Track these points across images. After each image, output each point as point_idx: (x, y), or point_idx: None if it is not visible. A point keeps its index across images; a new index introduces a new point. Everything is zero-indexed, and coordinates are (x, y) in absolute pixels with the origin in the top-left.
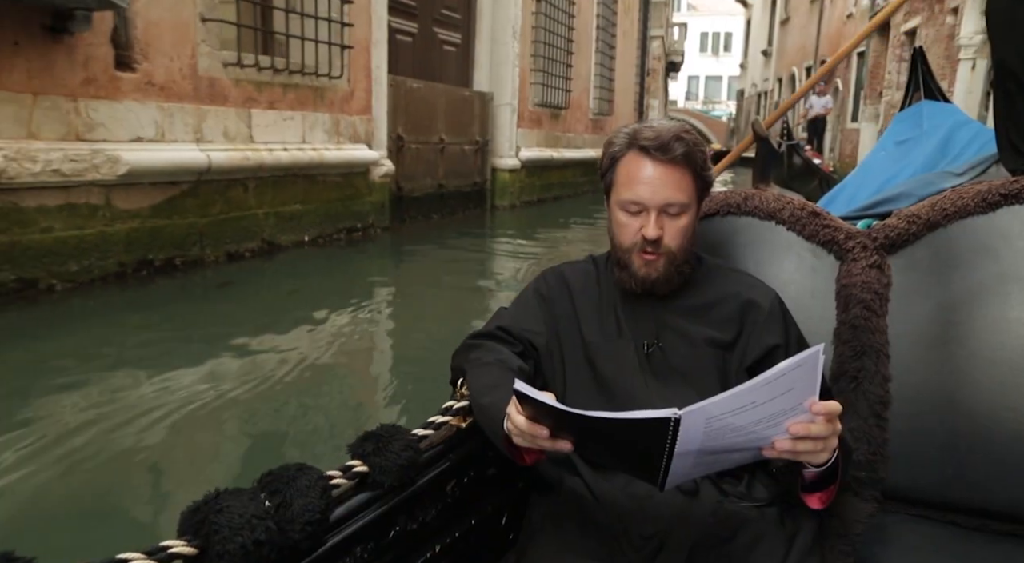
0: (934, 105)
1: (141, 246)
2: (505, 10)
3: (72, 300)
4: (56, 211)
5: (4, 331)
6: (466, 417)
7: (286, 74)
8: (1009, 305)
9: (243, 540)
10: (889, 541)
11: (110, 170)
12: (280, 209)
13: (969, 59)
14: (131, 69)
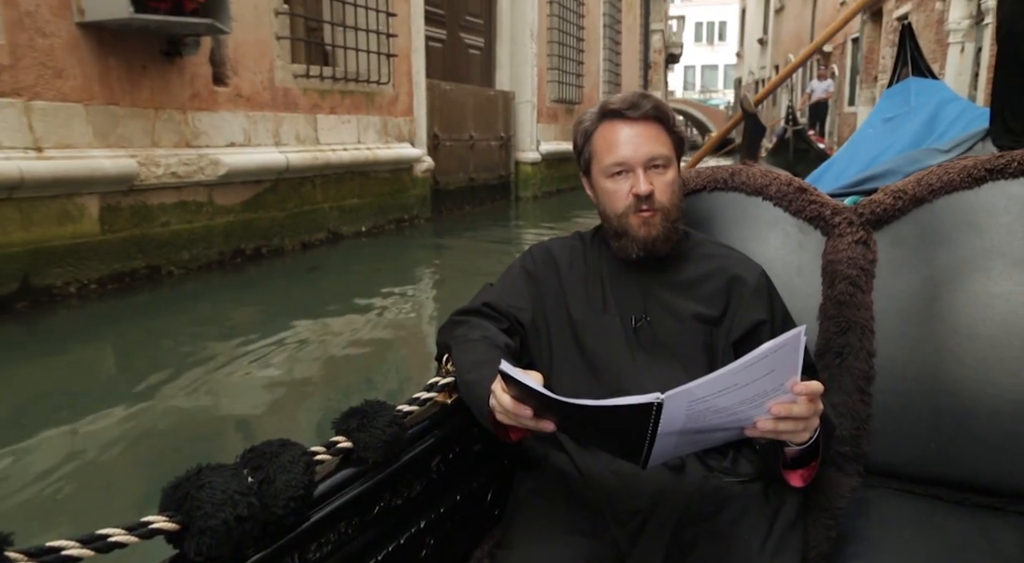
0: (922, 82)
1: (235, 237)
2: (523, 14)
3: (186, 284)
4: (172, 208)
5: (140, 308)
6: (451, 393)
7: (343, 82)
8: (992, 280)
9: (225, 516)
10: (872, 515)
11: (212, 172)
12: (341, 203)
13: (958, 43)
14: (224, 84)
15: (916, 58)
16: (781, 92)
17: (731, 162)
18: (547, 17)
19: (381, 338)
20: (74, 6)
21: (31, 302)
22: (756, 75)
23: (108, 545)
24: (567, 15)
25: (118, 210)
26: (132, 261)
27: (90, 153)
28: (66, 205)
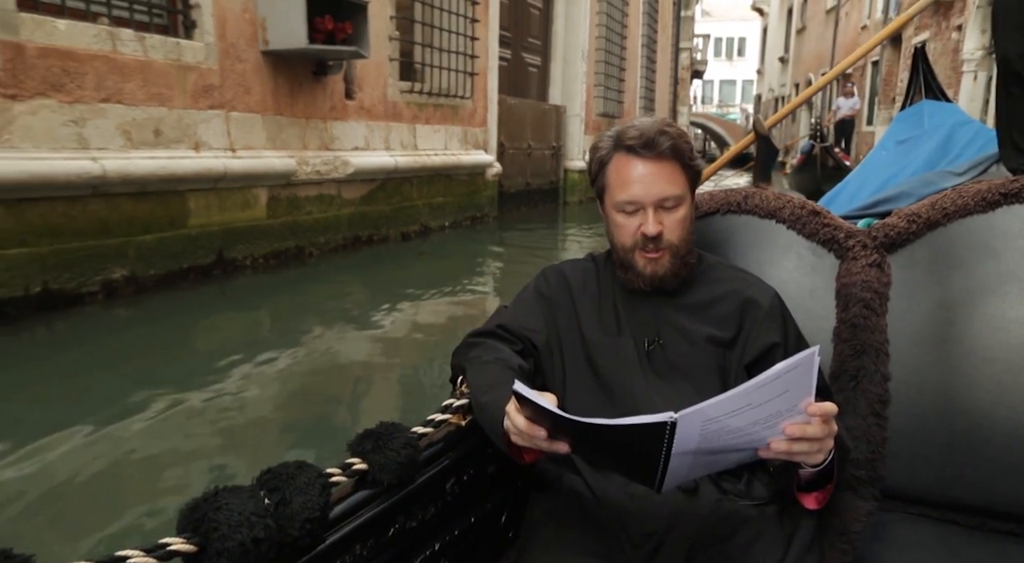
0: (935, 105)
1: (355, 225)
2: (575, 36)
3: (320, 263)
4: (313, 199)
5: (290, 280)
6: (466, 415)
7: (435, 97)
8: (1008, 304)
9: (242, 537)
10: (888, 539)
11: (343, 170)
12: (431, 201)
13: (971, 71)
14: (352, 98)
15: (930, 81)
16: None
17: (747, 179)
18: (595, 39)
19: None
20: (260, 37)
21: (222, 270)
22: (776, 92)
23: None
24: (612, 37)
25: (279, 200)
26: (286, 242)
27: (264, 154)
28: (246, 195)
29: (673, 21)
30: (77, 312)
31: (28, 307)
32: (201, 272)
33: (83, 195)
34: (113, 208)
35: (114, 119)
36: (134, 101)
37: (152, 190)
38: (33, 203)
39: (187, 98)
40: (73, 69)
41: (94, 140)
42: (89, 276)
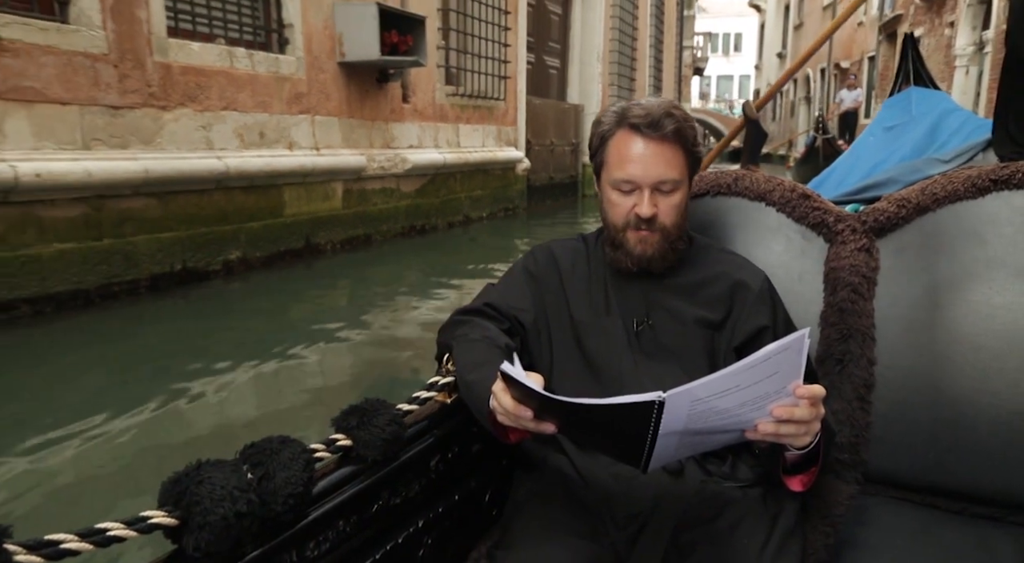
0: (923, 92)
1: (411, 216)
2: (591, 39)
3: (384, 247)
4: (378, 192)
5: (360, 262)
6: (451, 393)
7: (474, 99)
8: (994, 291)
9: (224, 512)
10: (870, 522)
11: (402, 166)
12: (471, 194)
13: (963, 66)
14: (408, 102)
15: (918, 68)
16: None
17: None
18: (609, 41)
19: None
20: (337, 50)
21: (309, 253)
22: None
23: (107, 539)
24: (624, 39)
25: (352, 193)
26: (356, 230)
27: (341, 152)
28: (327, 188)
29: (677, 21)
30: (205, 285)
31: (172, 281)
32: (294, 254)
33: (209, 188)
34: (230, 199)
35: (231, 124)
36: (245, 108)
37: (258, 184)
38: (175, 195)
39: (283, 105)
40: (203, 83)
41: (217, 142)
42: (214, 256)
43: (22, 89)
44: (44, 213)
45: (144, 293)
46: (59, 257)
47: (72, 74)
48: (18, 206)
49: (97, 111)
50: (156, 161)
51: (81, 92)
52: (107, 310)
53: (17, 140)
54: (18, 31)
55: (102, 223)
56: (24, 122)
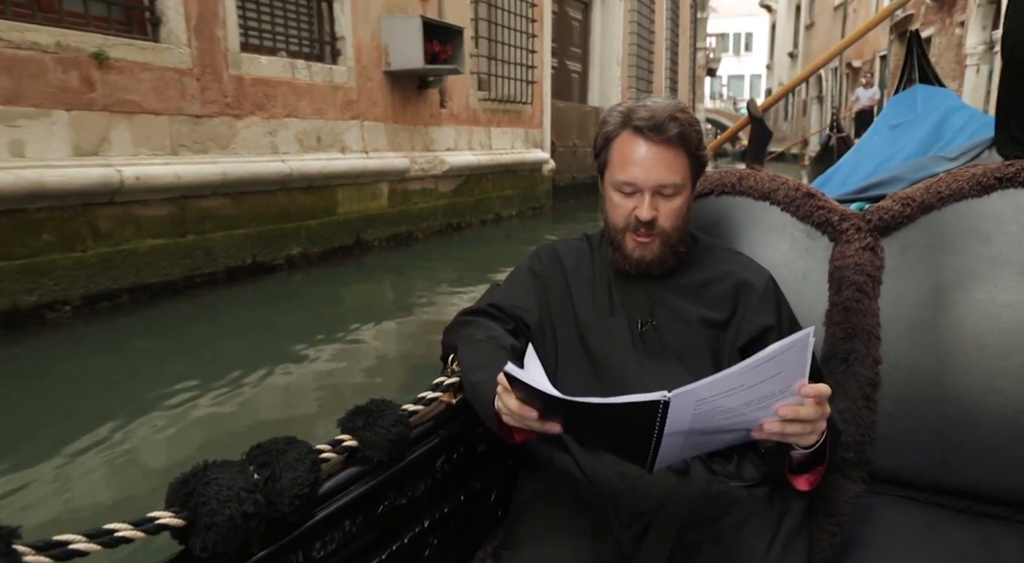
0: (929, 89)
1: (447, 214)
2: (611, 44)
3: (424, 244)
4: (418, 192)
5: (403, 258)
6: (456, 393)
7: (504, 103)
8: (999, 289)
9: (231, 512)
10: (876, 521)
11: (440, 168)
12: (502, 193)
13: (974, 65)
14: (444, 107)
15: (923, 65)
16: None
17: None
18: (628, 46)
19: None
20: (383, 60)
21: (359, 249)
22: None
23: (114, 540)
24: (642, 43)
25: (396, 193)
26: (399, 227)
27: (387, 155)
28: (374, 189)
29: (691, 23)
30: (271, 278)
31: (243, 274)
32: (345, 250)
33: (274, 189)
34: (291, 199)
35: (293, 130)
36: (304, 115)
37: (315, 185)
38: (246, 195)
39: (336, 111)
40: (269, 93)
41: (281, 146)
42: (279, 251)
43: (125, 102)
44: (140, 212)
45: (220, 284)
46: (152, 252)
47: (163, 87)
48: (121, 206)
49: (183, 120)
50: (232, 164)
51: (170, 103)
52: (191, 298)
53: (120, 147)
54: (123, 51)
55: (186, 221)
56: (126, 131)
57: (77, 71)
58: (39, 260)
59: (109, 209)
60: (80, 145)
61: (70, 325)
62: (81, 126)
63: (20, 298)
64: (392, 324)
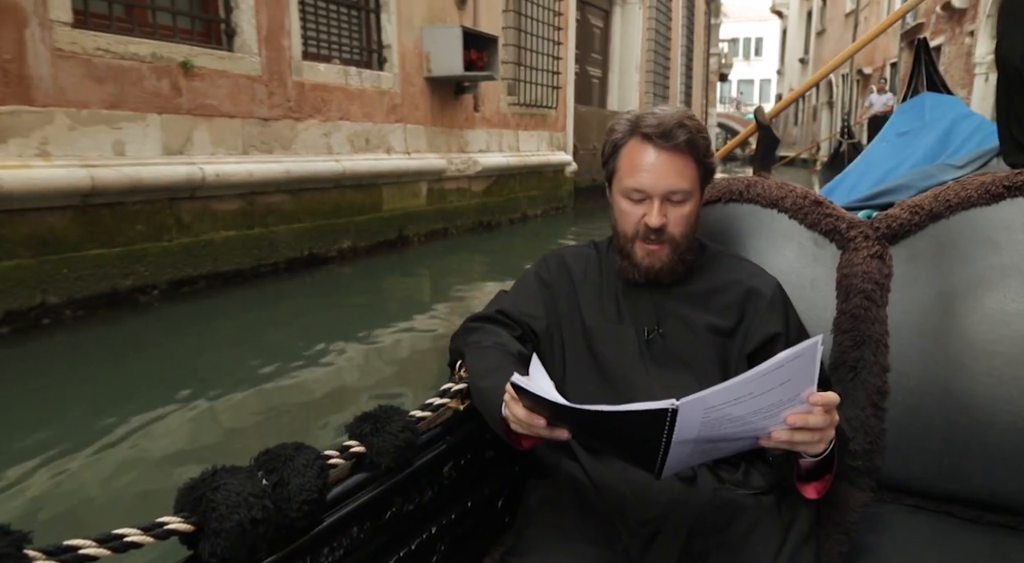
0: (936, 97)
1: (478, 213)
2: (630, 51)
3: (458, 240)
4: (453, 192)
5: (439, 251)
6: (464, 400)
7: (531, 108)
8: (1009, 297)
9: (240, 518)
10: (884, 530)
11: (473, 168)
12: (528, 193)
13: (983, 74)
14: (477, 110)
15: (931, 73)
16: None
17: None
18: (646, 52)
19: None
20: (425, 67)
21: (401, 243)
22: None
23: (124, 545)
24: (659, 49)
25: (433, 191)
26: (436, 224)
27: (427, 156)
28: (415, 187)
29: (705, 29)
30: (323, 269)
31: (301, 265)
32: (389, 245)
33: (328, 187)
34: (343, 196)
35: (345, 132)
36: (355, 118)
37: (364, 183)
38: (304, 192)
39: (383, 115)
40: (326, 97)
41: (335, 147)
42: (331, 244)
43: (205, 106)
44: (216, 206)
45: (282, 273)
46: (225, 242)
47: (237, 93)
48: (200, 200)
49: (253, 122)
50: (293, 164)
51: (243, 107)
52: (259, 287)
53: (201, 147)
54: (204, 60)
55: (254, 215)
56: (206, 133)
57: (168, 78)
58: (134, 248)
59: (191, 203)
60: (168, 145)
61: (157, 307)
62: (170, 128)
63: (118, 282)
64: (431, 312)
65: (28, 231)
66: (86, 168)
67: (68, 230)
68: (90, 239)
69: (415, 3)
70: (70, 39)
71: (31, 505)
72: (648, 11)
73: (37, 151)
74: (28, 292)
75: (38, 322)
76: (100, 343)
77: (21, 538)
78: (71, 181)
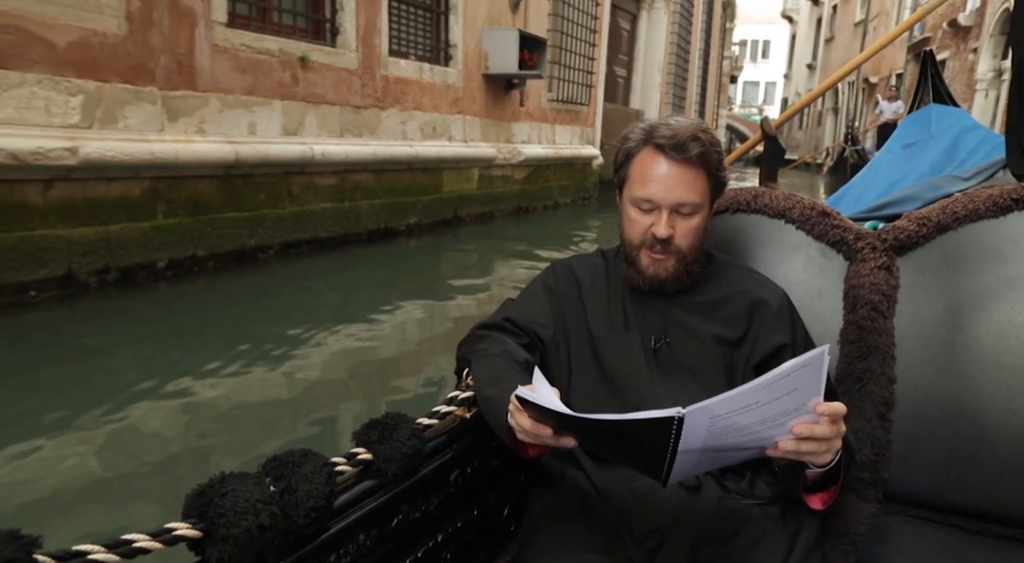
0: (942, 109)
1: (519, 199)
2: (654, 53)
3: (501, 222)
4: (499, 178)
5: (481, 233)
6: (470, 408)
7: (566, 104)
8: (1016, 310)
9: (248, 524)
10: (890, 542)
11: (517, 158)
12: (560, 183)
13: (983, 90)
14: (523, 105)
15: (937, 85)
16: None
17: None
18: (668, 54)
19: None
20: (483, 64)
21: (456, 223)
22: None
23: (132, 550)
24: (680, 52)
25: (483, 177)
26: (484, 207)
27: (480, 145)
28: (468, 173)
29: (720, 33)
30: (394, 242)
31: (378, 236)
32: (446, 223)
33: (402, 169)
34: (413, 178)
35: (418, 121)
36: (426, 109)
37: (430, 167)
38: (383, 172)
39: (447, 106)
40: (404, 90)
41: (409, 134)
42: (401, 220)
43: (315, 95)
44: (318, 181)
45: (364, 242)
46: (323, 213)
47: (338, 84)
48: (307, 175)
49: (348, 110)
50: (379, 147)
51: (341, 96)
52: (346, 252)
53: (311, 130)
54: (316, 55)
55: (344, 190)
56: (314, 118)
57: (289, 70)
58: (257, 213)
59: (300, 177)
60: (287, 127)
61: (272, 265)
62: (288, 113)
63: (246, 241)
64: (483, 284)
65: (187, 195)
66: (231, 144)
67: (213, 196)
68: (228, 204)
69: (478, 6)
70: (224, 36)
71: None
72: (672, 15)
73: (196, 129)
74: (184, 245)
75: (190, 270)
76: (232, 289)
77: (31, 542)
78: (220, 154)
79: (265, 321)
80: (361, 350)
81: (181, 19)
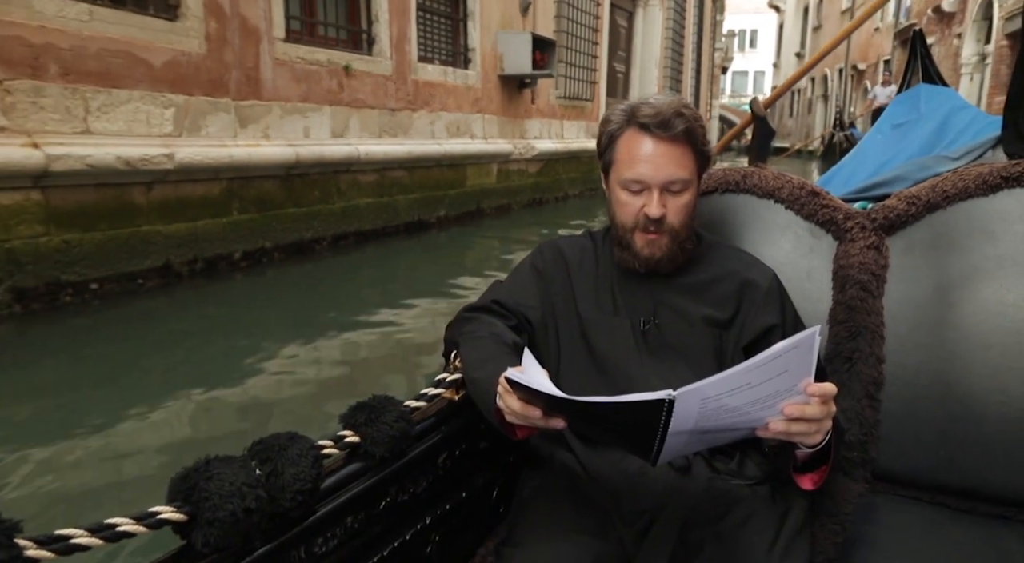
0: (932, 89)
1: (533, 191)
2: (651, 48)
3: (517, 213)
4: (514, 172)
5: (501, 225)
6: (459, 390)
7: (572, 101)
8: (1005, 288)
9: (233, 507)
10: (879, 521)
11: (531, 152)
12: (569, 176)
13: (968, 73)
14: (534, 103)
15: (927, 65)
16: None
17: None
18: (664, 50)
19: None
20: (499, 66)
21: (479, 214)
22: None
23: (116, 534)
24: (675, 47)
25: (501, 172)
26: (503, 199)
27: (498, 141)
28: (488, 168)
29: (711, 26)
30: (425, 234)
31: (413, 228)
32: (470, 215)
33: (431, 165)
34: (441, 173)
35: (444, 120)
36: (451, 109)
37: (455, 163)
38: (415, 169)
39: (468, 106)
40: (432, 93)
41: (436, 133)
42: (432, 213)
43: (356, 100)
44: (361, 178)
45: (401, 234)
46: (366, 207)
47: (376, 89)
48: (352, 173)
49: (385, 113)
50: (412, 146)
51: (379, 101)
52: (385, 244)
53: (354, 132)
54: (357, 63)
55: (383, 186)
56: (356, 121)
57: (336, 78)
58: (312, 209)
59: (346, 175)
60: (335, 130)
61: (326, 257)
62: (335, 117)
63: (303, 234)
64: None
65: (255, 193)
66: (291, 147)
67: (276, 193)
68: (288, 201)
69: (492, 11)
70: (283, 50)
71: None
72: (666, 11)
73: (263, 134)
74: (255, 238)
75: (259, 260)
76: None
77: (11, 527)
78: (283, 156)
79: (324, 308)
80: (408, 330)
81: (249, 37)
